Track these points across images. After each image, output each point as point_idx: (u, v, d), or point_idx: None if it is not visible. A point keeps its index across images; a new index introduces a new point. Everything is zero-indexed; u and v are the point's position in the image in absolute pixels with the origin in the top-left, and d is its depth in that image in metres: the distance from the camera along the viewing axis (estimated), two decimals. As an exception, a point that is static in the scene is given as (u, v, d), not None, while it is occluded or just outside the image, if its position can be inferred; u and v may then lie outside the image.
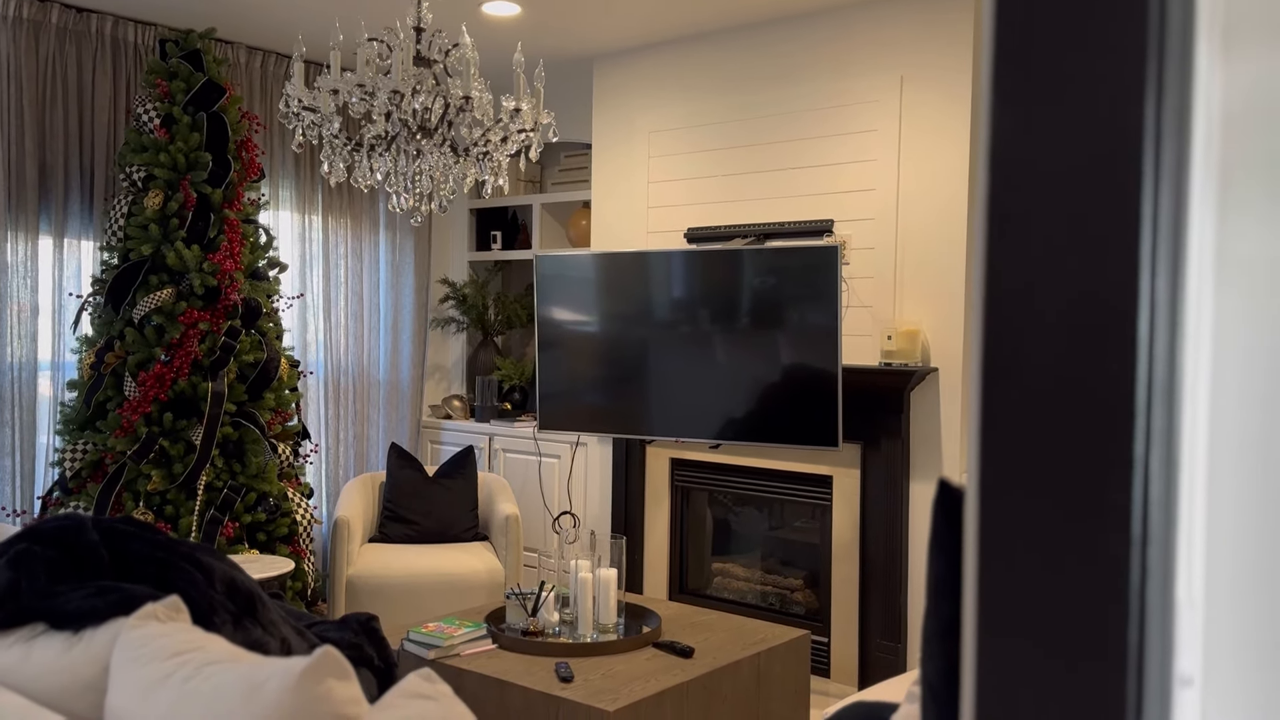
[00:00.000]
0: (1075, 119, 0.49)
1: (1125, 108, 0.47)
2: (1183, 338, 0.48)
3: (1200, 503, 0.48)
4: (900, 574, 3.79)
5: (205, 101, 4.01)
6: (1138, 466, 0.48)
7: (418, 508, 4.42)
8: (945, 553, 0.96)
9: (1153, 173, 0.48)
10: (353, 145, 2.79)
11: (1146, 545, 0.48)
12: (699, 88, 4.37)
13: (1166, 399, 0.48)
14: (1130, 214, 0.48)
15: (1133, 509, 0.48)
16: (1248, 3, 0.47)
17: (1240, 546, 0.49)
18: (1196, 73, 0.47)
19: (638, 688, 2.70)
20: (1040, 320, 0.51)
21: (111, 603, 1.83)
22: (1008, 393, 0.52)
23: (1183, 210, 0.47)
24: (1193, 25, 0.46)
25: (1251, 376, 0.49)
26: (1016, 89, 0.50)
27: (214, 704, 1.44)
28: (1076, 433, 0.49)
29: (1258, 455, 0.50)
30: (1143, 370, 0.48)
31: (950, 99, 3.70)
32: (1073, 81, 0.49)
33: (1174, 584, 0.48)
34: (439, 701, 1.41)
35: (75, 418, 3.88)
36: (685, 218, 4.39)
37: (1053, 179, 0.50)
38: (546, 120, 2.85)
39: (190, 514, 3.81)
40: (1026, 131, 0.51)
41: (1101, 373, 0.48)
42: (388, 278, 5.33)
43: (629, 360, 4.10)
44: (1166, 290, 0.48)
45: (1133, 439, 0.48)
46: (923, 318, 3.76)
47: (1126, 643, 0.48)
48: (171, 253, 3.85)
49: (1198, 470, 0.48)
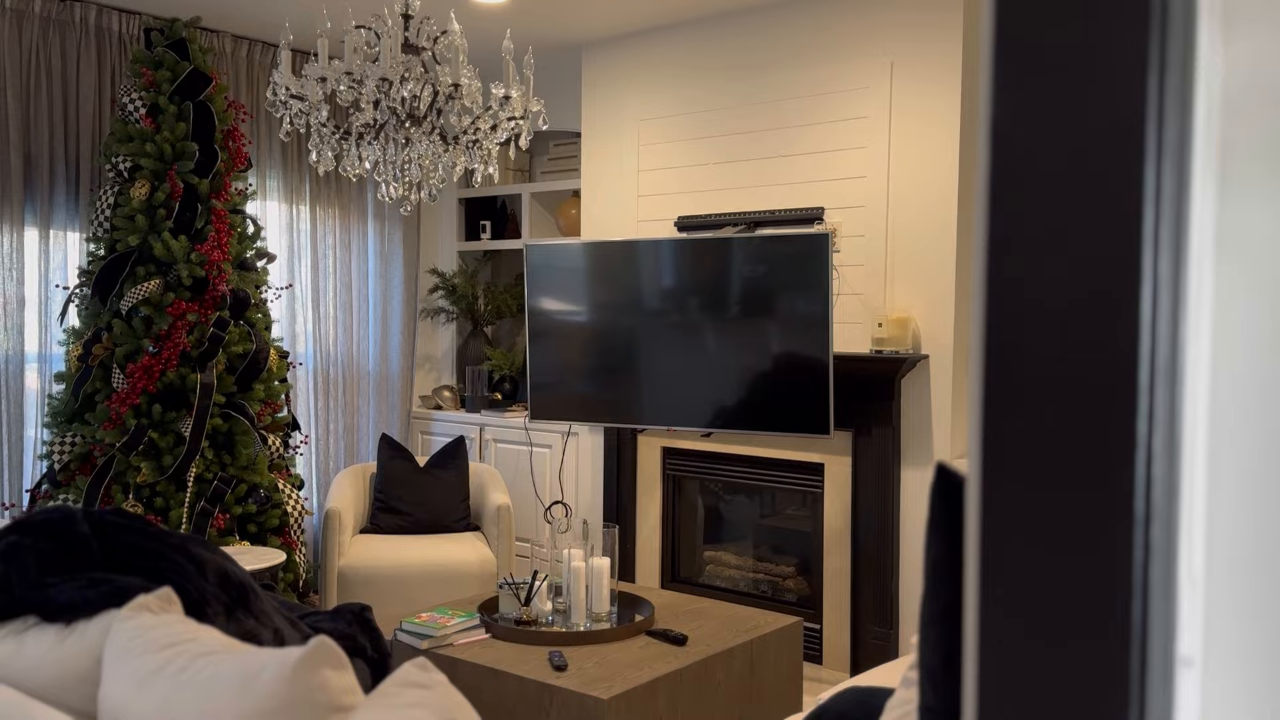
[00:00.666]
0: (1077, 97, 0.49)
1: (1128, 86, 0.47)
2: (1185, 317, 0.48)
3: (1200, 481, 0.48)
4: (892, 560, 3.80)
5: (191, 91, 3.98)
6: (1140, 445, 0.48)
7: (409, 498, 4.41)
8: (943, 536, 0.96)
9: (1155, 151, 0.47)
10: (341, 134, 2.77)
11: (1150, 524, 0.48)
12: (688, 75, 4.36)
13: (1169, 378, 0.48)
14: (1133, 193, 0.48)
15: (1135, 488, 0.48)
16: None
17: (1239, 526, 0.49)
18: (1198, 51, 0.47)
19: (632, 675, 2.70)
20: (1042, 299, 0.50)
21: (103, 594, 1.82)
22: (1009, 372, 0.51)
23: (1185, 189, 0.47)
24: (1194, 3, 0.46)
25: (1250, 355, 0.49)
26: (1018, 68, 0.50)
27: (209, 694, 1.43)
28: (1079, 412, 0.49)
29: (1256, 434, 0.50)
30: (1145, 349, 0.48)
31: (940, 85, 3.70)
32: (1075, 60, 0.49)
33: (1176, 563, 0.48)
34: (434, 690, 1.41)
35: (63, 410, 3.86)
36: (675, 206, 4.38)
37: (1055, 158, 0.50)
38: (536, 108, 2.84)
39: (180, 506, 3.79)
40: (1028, 110, 0.51)
41: (1104, 351, 0.48)
42: (376, 268, 5.31)
43: (620, 349, 4.09)
44: (1169, 269, 0.47)
45: (1135, 417, 0.48)
46: (913, 305, 3.77)
47: (1130, 623, 0.48)
48: (159, 243, 3.82)
49: (1198, 449, 0.48)
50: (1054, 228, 0.50)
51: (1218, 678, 0.47)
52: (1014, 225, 0.52)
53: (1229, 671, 0.48)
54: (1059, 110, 0.49)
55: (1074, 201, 0.49)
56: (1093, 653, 0.48)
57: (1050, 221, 0.50)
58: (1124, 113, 0.47)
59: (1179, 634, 0.47)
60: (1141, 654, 0.48)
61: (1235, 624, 0.48)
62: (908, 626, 3.81)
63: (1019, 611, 0.51)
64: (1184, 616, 0.48)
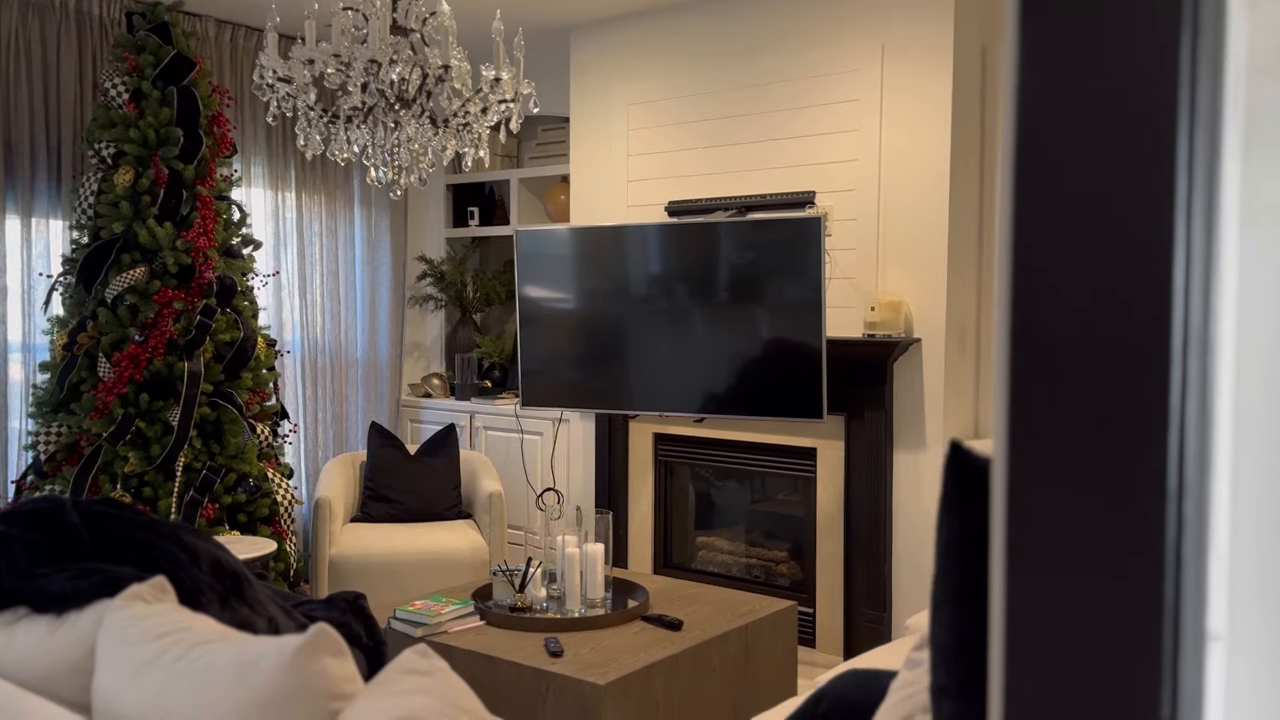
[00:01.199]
0: (1109, 60, 0.47)
1: (1161, 48, 0.46)
2: (1217, 285, 0.47)
3: (1226, 455, 0.47)
4: (885, 544, 3.81)
5: (175, 76, 3.93)
6: (1174, 417, 0.47)
7: (399, 486, 4.39)
8: (957, 514, 0.94)
9: (1188, 115, 0.46)
10: (329, 117, 2.74)
11: (1182, 499, 0.47)
12: (678, 58, 4.33)
13: (1201, 348, 0.47)
14: (1166, 158, 0.47)
15: (1168, 462, 0.47)
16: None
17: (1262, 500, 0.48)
18: (1229, 12, 0.45)
19: (628, 660, 2.70)
20: (1072, 269, 0.49)
21: (95, 584, 1.80)
22: (1037, 344, 0.50)
23: (1217, 154, 0.46)
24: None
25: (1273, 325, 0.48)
26: (1045, 32, 0.49)
27: (206, 683, 1.41)
28: (1110, 384, 0.48)
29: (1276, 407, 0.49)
30: (1179, 318, 0.47)
31: (932, 66, 3.68)
32: (1105, 21, 0.47)
33: (1208, 538, 0.47)
34: (435, 677, 1.39)
35: (48, 400, 3.82)
36: (666, 191, 4.36)
37: (1085, 123, 0.49)
38: (527, 90, 2.81)
39: (169, 496, 3.76)
40: (1057, 75, 0.49)
41: (1136, 321, 0.47)
42: (364, 255, 5.27)
43: (612, 335, 4.07)
44: (1202, 236, 0.46)
45: (1168, 389, 0.47)
46: (905, 288, 3.76)
47: (1163, 599, 0.47)
48: (144, 230, 3.77)
49: (1226, 421, 0.47)
50: (1084, 196, 0.49)
51: (1242, 652, 0.46)
52: (1042, 195, 0.50)
53: (1253, 647, 0.47)
54: (1089, 74, 0.48)
55: (1106, 168, 0.48)
56: (1124, 630, 0.47)
57: (1081, 189, 0.49)
58: (1157, 76, 0.46)
59: (1210, 608, 0.47)
60: (1175, 630, 0.47)
61: (1257, 597, 0.48)
62: (901, 610, 3.82)
63: (1047, 591, 0.50)
64: (1214, 590, 0.47)
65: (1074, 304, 0.49)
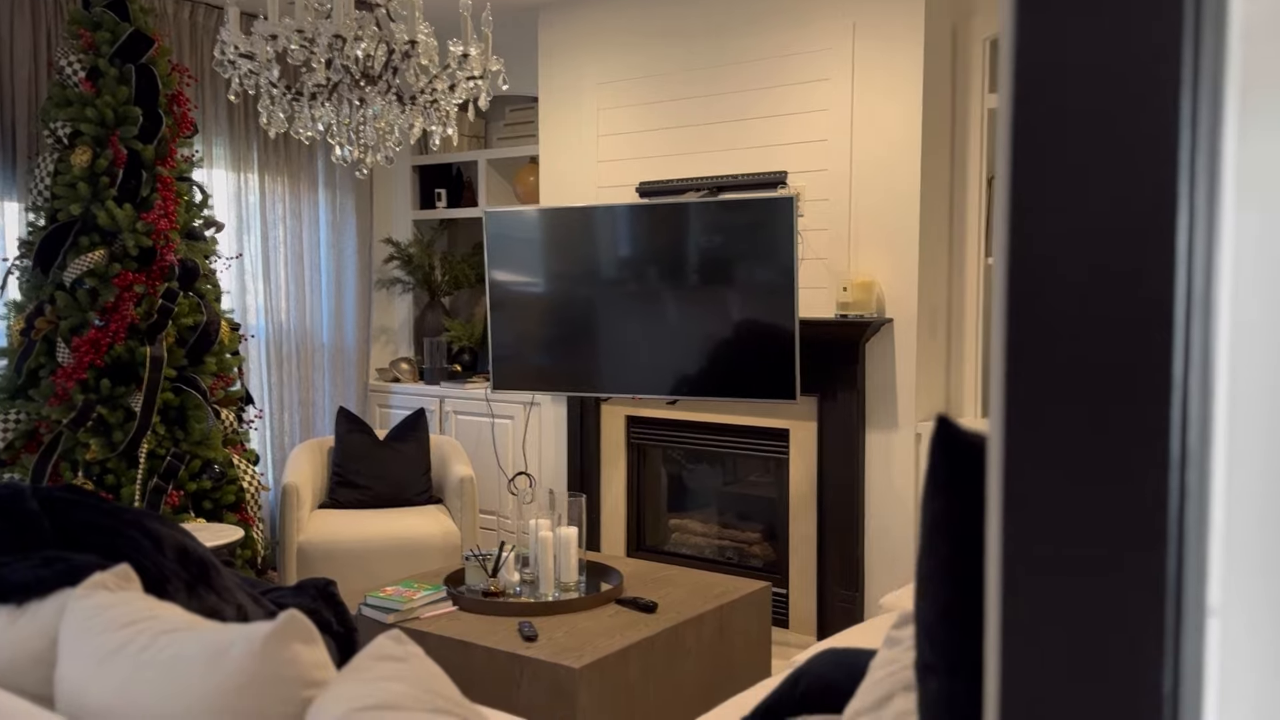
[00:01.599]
0: (1110, 19, 0.46)
1: (1163, 11, 0.45)
2: (1219, 250, 0.45)
3: (1223, 424, 0.46)
4: (858, 524, 3.82)
5: (133, 53, 3.83)
6: (1176, 384, 0.46)
7: (368, 472, 4.34)
8: (943, 491, 0.93)
9: (1191, 76, 0.45)
10: (292, 94, 2.67)
11: (1185, 468, 0.46)
12: (649, 37, 4.29)
13: (1204, 314, 0.46)
14: (1169, 120, 0.45)
15: (1171, 429, 0.46)
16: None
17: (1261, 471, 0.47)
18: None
19: (602, 644, 2.68)
20: (1072, 233, 0.48)
21: (57, 573, 1.75)
22: (1037, 309, 0.49)
23: (1219, 116, 0.45)
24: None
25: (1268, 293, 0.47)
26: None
27: (174, 672, 1.37)
28: (1111, 350, 0.47)
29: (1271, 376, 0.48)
30: (1181, 283, 0.46)
31: (903, 44, 3.67)
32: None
33: (1209, 508, 0.46)
34: (410, 663, 1.37)
35: (6, 386, 3.72)
36: (636, 172, 4.32)
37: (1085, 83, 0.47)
38: (495, 67, 2.76)
39: (133, 483, 3.69)
40: (1056, 34, 0.48)
41: (1139, 286, 0.46)
42: (328, 237, 5.19)
43: (583, 317, 4.04)
44: (1205, 200, 0.45)
45: (1171, 355, 0.46)
46: (877, 269, 3.76)
47: (1165, 571, 0.46)
48: (102, 212, 3.68)
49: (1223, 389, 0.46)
50: (1085, 158, 0.47)
51: (1236, 627, 0.45)
52: (1042, 157, 0.49)
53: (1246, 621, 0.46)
54: (1090, 34, 0.46)
55: (1107, 129, 0.47)
56: (1128, 603, 0.46)
57: (1081, 152, 0.47)
58: (1161, 35, 0.45)
59: (1210, 581, 0.46)
60: (1177, 605, 0.46)
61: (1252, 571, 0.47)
62: (873, 589, 3.84)
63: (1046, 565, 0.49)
64: (1214, 562, 0.46)
65: (1074, 274, 0.48)
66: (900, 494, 3.75)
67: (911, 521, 3.74)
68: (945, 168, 3.81)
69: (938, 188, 3.76)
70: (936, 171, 3.75)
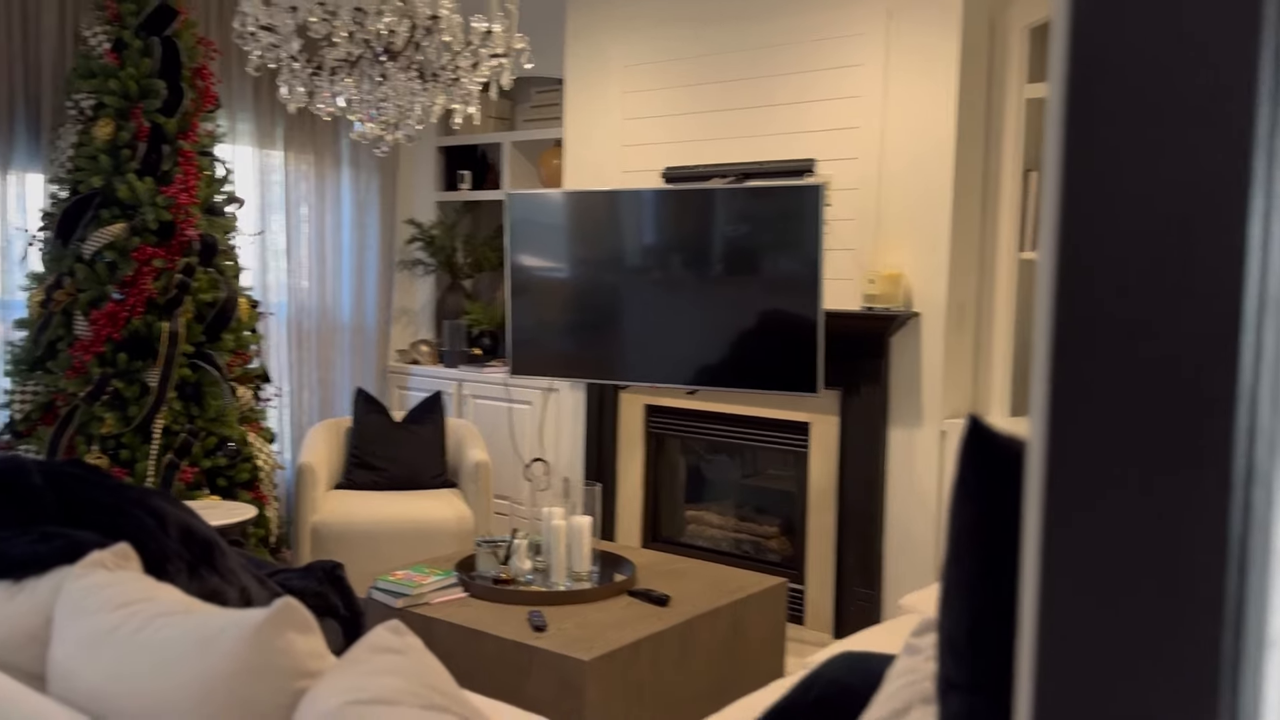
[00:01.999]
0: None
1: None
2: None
3: None
4: (878, 521, 3.75)
5: (157, 26, 3.80)
6: (1243, 392, 0.40)
7: (385, 454, 4.31)
8: (973, 499, 0.87)
9: (1274, 38, 0.39)
10: (313, 69, 2.62)
11: (1250, 486, 0.41)
12: (677, 20, 4.21)
13: (1278, 312, 0.40)
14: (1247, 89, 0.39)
15: (1235, 444, 0.40)
16: None
17: None
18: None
19: (613, 636, 2.63)
20: (1129, 217, 0.42)
21: (56, 549, 1.72)
22: (1086, 305, 0.44)
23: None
24: None
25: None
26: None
27: (164, 657, 1.33)
28: (1169, 351, 0.41)
29: None
30: (1253, 276, 0.40)
31: (940, 30, 3.58)
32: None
33: (1273, 531, 0.41)
34: (408, 655, 1.32)
35: (25, 358, 3.72)
36: (662, 156, 4.25)
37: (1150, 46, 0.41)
38: (520, 45, 2.70)
39: (147, 459, 3.67)
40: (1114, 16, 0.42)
41: (1203, 279, 0.40)
42: (352, 217, 5.15)
43: (605, 303, 3.98)
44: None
45: (1238, 358, 0.40)
46: (905, 261, 3.67)
47: (1224, 598, 0.41)
48: (123, 185, 3.66)
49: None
50: (1148, 132, 0.41)
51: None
52: (1098, 133, 0.43)
53: None
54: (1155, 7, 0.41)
55: (1174, 99, 0.41)
56: (1179, 633, 0.41)
57: (1144, 125, 0.41)
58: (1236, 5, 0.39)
59: (1272, 608, 0.41)
60: (1236, 634, 0.41)
61: None
62: (893, 589, 3.77)
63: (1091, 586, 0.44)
64: (1276, 593, 0.41)
65: (1129, 259, 0.42)
66: (923, 492, 3.68)
67: (934, 521, 3.66)
68: (979, 158, 3.71)
69: (971, 179, 3.67)
70: (970, 162, 3.65)
